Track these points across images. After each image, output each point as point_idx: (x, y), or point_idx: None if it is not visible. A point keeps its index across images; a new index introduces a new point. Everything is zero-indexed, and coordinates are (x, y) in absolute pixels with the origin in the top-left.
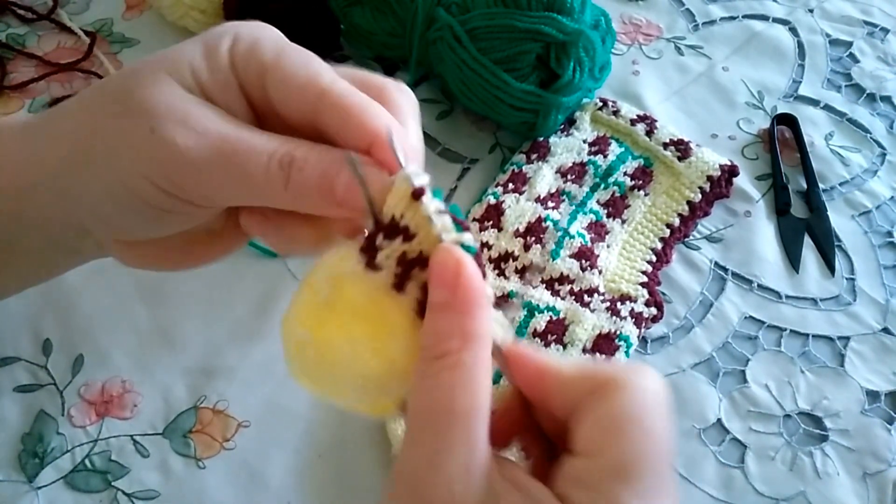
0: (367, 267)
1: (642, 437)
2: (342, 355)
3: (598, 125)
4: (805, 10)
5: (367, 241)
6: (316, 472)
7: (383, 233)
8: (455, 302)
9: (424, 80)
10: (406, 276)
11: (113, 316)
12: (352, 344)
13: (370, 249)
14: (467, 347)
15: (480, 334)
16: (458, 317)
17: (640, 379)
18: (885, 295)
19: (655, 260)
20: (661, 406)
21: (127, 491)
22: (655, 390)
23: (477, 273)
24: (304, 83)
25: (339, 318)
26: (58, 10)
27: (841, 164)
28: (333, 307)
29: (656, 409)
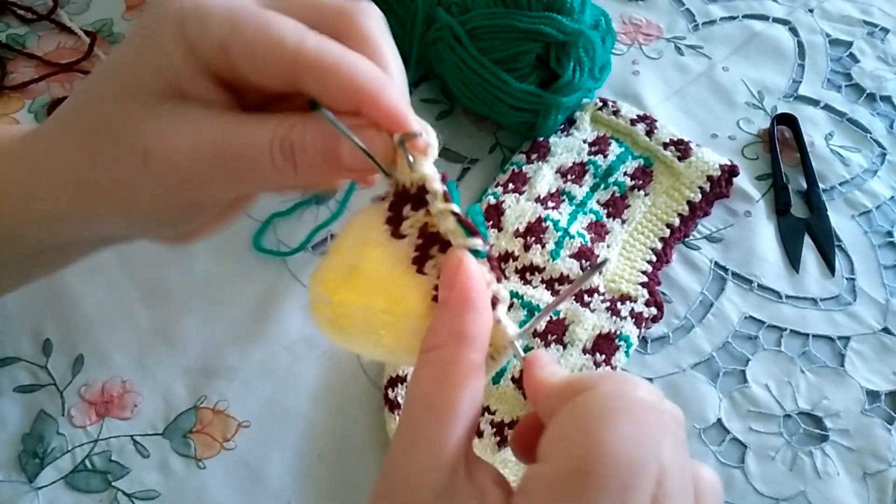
0: (393, 235)
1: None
2: (356, 322)
3: (598, 125)
4: (805, 10)
5: (392, 210)
6: (316, 472)
7: (410, 203)
8: (449, 301)
9: (424, 80)
10: (426, 251)
11: (113, 316)
12: (366, 313)
13: (396, 217)
14: (451, 345)
15: (466, 334)
16: (448, 315)
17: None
18: (885, 295)
19: (655, 260)
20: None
21: (127, 491)
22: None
23: (475, 276)
24: (270, 55)
25: (360, 287)
26: (58, 10)
27: (841, 164)
28: (356, 274)
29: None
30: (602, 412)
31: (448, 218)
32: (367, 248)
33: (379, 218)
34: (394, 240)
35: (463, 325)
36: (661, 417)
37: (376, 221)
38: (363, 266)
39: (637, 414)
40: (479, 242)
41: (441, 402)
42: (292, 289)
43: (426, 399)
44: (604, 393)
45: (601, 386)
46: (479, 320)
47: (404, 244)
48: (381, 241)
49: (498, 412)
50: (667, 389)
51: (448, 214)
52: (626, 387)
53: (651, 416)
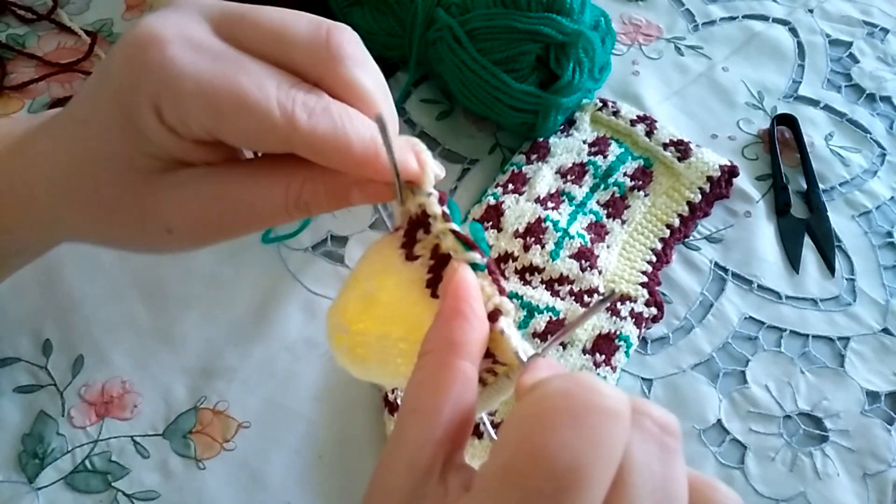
0: (407, 259)
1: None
2: (373, 351)
3: (597, 126)
4: (805, 11)
5: (407, 236)
6: (316, 472)
7: (422, 228)
8: (442, 309)
9: (424, 80)
10: (438, 273)
11: (113, 316)
12: (383, 342)
13: (409, 242)
14: (438, 351)
15: (454, 341)
16: (439, 323)
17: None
18: (885, 295)
19: (655, 260)
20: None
21: (127, 492)
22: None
23: (467, 285)
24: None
25: (377, 316)
26: (58, 10)
27: (841, 164)
28: (372, 303)
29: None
30: (543, 412)
31: (448, 236)
32: (383, 275)
33: (394, 245)
34: (408, 263)
35: (451, 332)
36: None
37: (391, 249)
38: (379, 295)
39: (582, 417)
40: (476, 256)
41: (423, 406)
42: (292, 289)
43: (411, 403)
44: (551, 392)
45: (550, 384)
46: (466, 327)
47: (418, 266)
48: (396, 266)
49: (498, 413)
50: (667, 390)
51: (447, 233)
52: (576, 388)
53: (601, 420)
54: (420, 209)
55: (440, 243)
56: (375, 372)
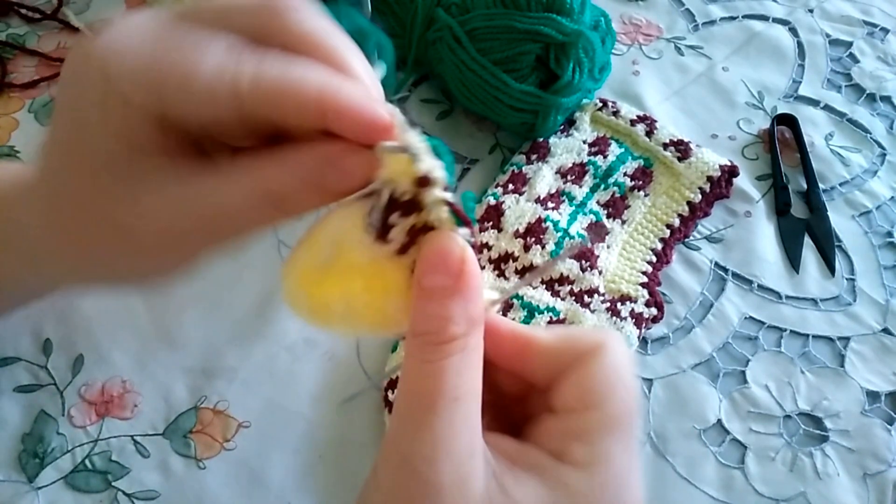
0: (376, 239)
1: (626, 394)
2: (336, 311)
3: (597, 126)
4: (805, 10)
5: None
6: (316, 472)
7: (399, 210)
8: (461, 288)
9: (424, 80)
10: (411, 244)
11: (113, 316)
12: (346, 300)
13: (382, 226)
14: (472, 332)
15: (480, 320)
16: (464, 302)
17: (615, 343)
18: (885, 295)
19: (655, 260)
20: (633, 366)
21: (127, 491)
22: (627, 352)
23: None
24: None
25: (337, 280)
26: (63, 9)
27: (841, 164)
28: (332, 269)
29: (631, 369)
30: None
31: (441, 207)
32: (345, 248)
33: (358, 218)
34: (376, 244)
35: (477, 311)
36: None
37: (355, 221)
38: (339, 262)
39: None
40: (467, 233)
41: (469, 389)
42: None
43: (455, 391)
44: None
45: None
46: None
47: (389, 247)
48: (361, 243)
49: None
50: (667, 390)
51: (441, 204)
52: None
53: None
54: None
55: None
56: (337, 325)
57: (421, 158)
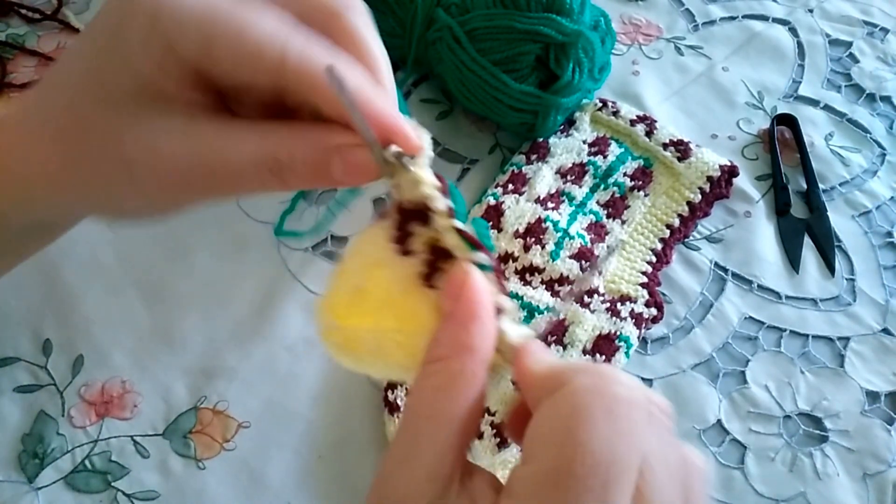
0: (401, 253)
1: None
2: (367, 344)
3: (597, 126)
4: (805, 10)
5: (398, 228)
6: (316, 472)
7: (416, 219)
8: (455, 313)
9: (424, 80)
10: (435, 266)
11: (113, 316)
12: (377, 335)
13: (403, 235)
14: (455, 356)
15: (471, 346)
16: (454, 327)
17: (574, 381)
18: (884, 295)
19: (655, 260)
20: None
21: (127, 491)
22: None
23: (480, 289)
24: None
25: (368, 309)
26: (63, 9)
27: (841, 164)
28: (363, 296)
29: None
30: (579, 410)
31: (451, 234)
32: (374, 269)
33: (384, 237)
34: (402, 258)
35: (468, 337)
36: (639, 410)
37: (381, 240)
38: (370, 288)
39: (614, 410)
40: (483, 257)
41: (442, 413)
42: (292, 289)
43: (429, 410)
44: (580, 389)
45: (577, 381)
46: (483, 333)
47: (413, 261)
48: (388, 260)
49: (498, 413)
50: (667, 390)
51: (451, 230)
52: (602, 381)
53: (629, 411)
54: (420, 200)
55: (440, 239)
56: (370, 365)
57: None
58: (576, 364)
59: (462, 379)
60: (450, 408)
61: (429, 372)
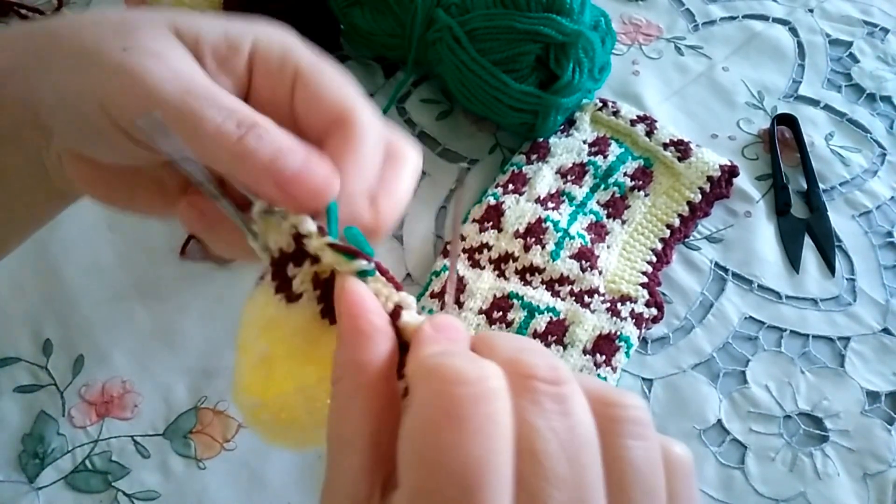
0: (288, 300)
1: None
2: (298, 407)
3: (597, 126)
4: (805, 10)
5: (278, 277)
6: (316, 472)
7: (291, 261)
8: (340, 332)
9: (424, 80)
10: (330, 299)
11: (113, 316)
12: (304, 392)
13: (284, 282)
14: (345, 376)
15: (360, 362)
16: (342, 346)
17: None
18: (885, 295)
19: (655, 260)
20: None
21: (127, 491)
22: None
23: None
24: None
25: (283, 371)
26: (63, 9)
27: (841, 164)
28: (274, 362)
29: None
30: (422, 427)
31: (325, 251)
32: (270, 330)
33: (267, 294)
34: (292, 305)
35: (355, 353)
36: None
37: (266, 298)
38: (276, 351)
39: (455, 414)
40: (362, 263)
41: (347, 435)
42: None
43: (334, 434)
44: (420, 403)
45: (416, 394)
46: (369, 344)
47: (304, 303)
48: (280, 314)
49: None
50: (667, 390)
51: (325, 248)
52: (441, 387)
53: (475, 408)
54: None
55: (321, 270)
56: (311, 428)
57: (286, 216)
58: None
59: (360, 397)
60: (354, 429)
61: (332, 397)
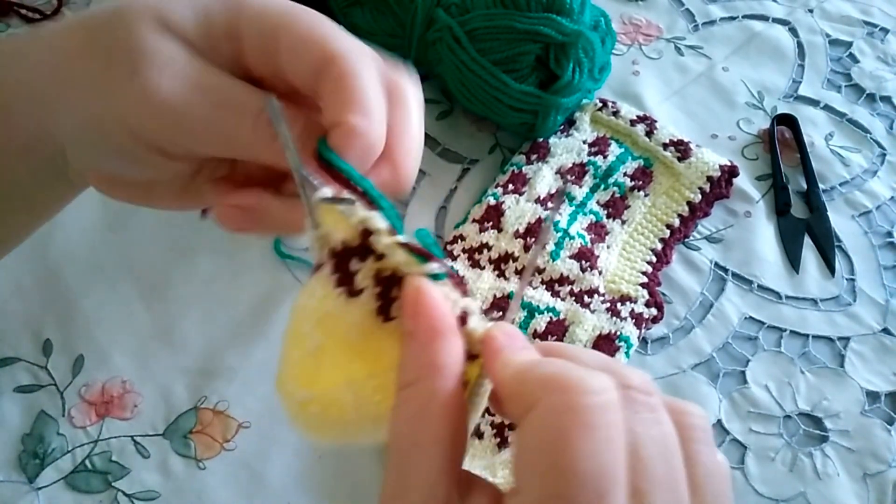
0: (349, 295)
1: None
2: (347, 402)
3: (597, 126)
4: (805, 10)
5: (339, 270)
6: (316, 472)
7: (355, 256)
8: (415, 332)
9: (424, 81)
10: (387, 297)
11: (113, 316)
12: (353, 387)
13: (346, 275)
14: (424, 379)
15: (438, 364)
16: (417, 348)
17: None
18: (885, 295)
19: (655, 260)
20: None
21: (127, 492)
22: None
23: (436, 303)
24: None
25: (334, 364)
26: (62, 9)
27: (841, 164)
28: (325, 354)
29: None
30: (555, 434)
31: (396, 251)
32: (326, 322)
33: (326, 287)
34: (352, 300)
35: (433, 355)
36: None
37: (324, 291)
38: (329, 343)
39: (589, 422)
40: (434, 266)
41: (426, 440)
42: (292, 289)
43: (411, 439)
44: (550, 411)
45: (546, 402)
46: (447, 348)
47: (364, 299)
48: (338, 308)
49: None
50: (667, 390)
51: (396, 248)
52: (571, 397)
53: (604, 417)
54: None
55: (384, 267)
56: (355, 425)
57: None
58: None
59: (436, 400)
60: (431, 433)
61: (402, 400)
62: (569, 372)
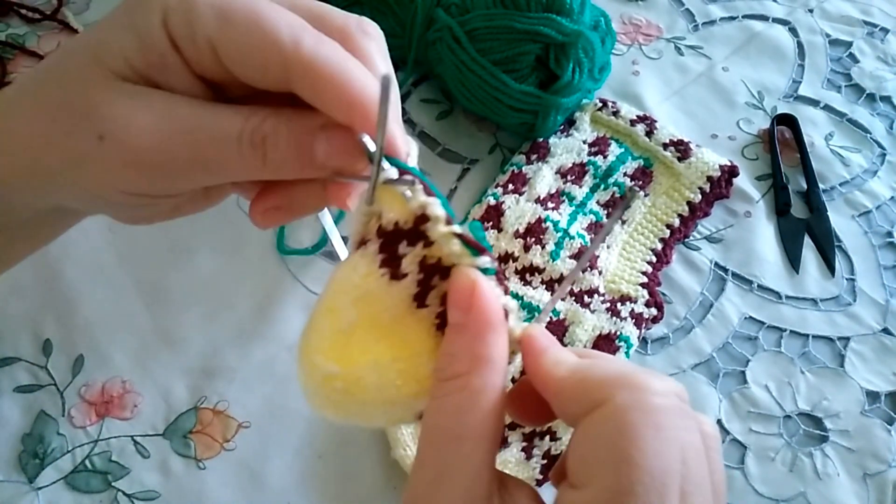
0: (392, 277)
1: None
2: (369, 383)
3: (597, 126)
4: (805, 10)
5: (386, 251)
6: (316, 472)
7: (405, 239)
8: (468, 324)
9: (424, 80)
10: (427, 284)
11: (113, 316)
12: (378, 369)
13: (392, 257)
14: (476, 371)
15: (491, 358)
16: (470, 340)
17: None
18: (885, 295)
19: (655, 260)
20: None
21: (127, 491)
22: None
23: (491, 296)
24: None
25: (364, 343)
26: (62, 9)
27: (841, 164)
28: (356, 333)
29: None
30: (627, 430)
31: (451, 241)
32: (364, 301)
33: (371, 265)
34: (394, 283)
35: (487, 349)
36: (676, 414)
37: (367, 269)
38: (361, 322)
39: (658, 423)
40: (486, 260)
41: (472, 432)
42: (292, 289)
43: (457, 429)
44: (623, 408)
45: (617, 399)
46: (500, 343)
47: (405, 283)
48: (380, 289)
49: None
50: None
51: (451, 237)
52: (642, 396)
53: (669, 419)
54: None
55: (431, 254)
56: (371, 406)
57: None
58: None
59: (485, 394)
60: (480, 426)
61: (449, 389)
62: (636, 371)
